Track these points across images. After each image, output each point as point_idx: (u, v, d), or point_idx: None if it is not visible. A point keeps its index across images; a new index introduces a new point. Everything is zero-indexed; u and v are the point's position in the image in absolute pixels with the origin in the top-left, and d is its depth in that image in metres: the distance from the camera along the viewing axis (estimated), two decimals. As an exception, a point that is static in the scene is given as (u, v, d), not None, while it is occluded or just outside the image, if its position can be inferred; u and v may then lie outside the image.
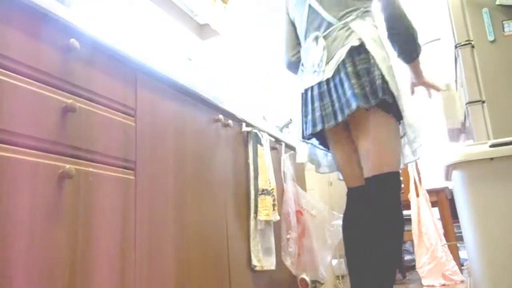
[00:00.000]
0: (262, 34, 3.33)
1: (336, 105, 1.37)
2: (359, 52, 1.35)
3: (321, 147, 1.65)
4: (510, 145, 1.17)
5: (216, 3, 2.64)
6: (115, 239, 1.04)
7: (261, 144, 1.85)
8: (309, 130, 1.46)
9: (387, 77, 1.31)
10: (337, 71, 1.38)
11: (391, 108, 1.36)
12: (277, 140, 2.15)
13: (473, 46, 1.45)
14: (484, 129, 1.37)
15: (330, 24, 1.43)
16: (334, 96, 1.39)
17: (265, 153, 1.85)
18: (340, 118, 1.35)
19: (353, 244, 1.45)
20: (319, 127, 1.41)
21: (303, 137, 1.56)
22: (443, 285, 2.53)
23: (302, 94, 1.53)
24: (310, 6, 1.49)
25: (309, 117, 1.46)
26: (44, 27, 0.95)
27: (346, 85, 1.34)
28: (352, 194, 1.52)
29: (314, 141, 1.64)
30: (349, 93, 1.33)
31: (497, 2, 1.44)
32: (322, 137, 1.60)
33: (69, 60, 1.00)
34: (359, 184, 1.46)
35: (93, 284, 0.95)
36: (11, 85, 0.85)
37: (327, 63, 1.41)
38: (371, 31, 1.39)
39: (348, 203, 1.53)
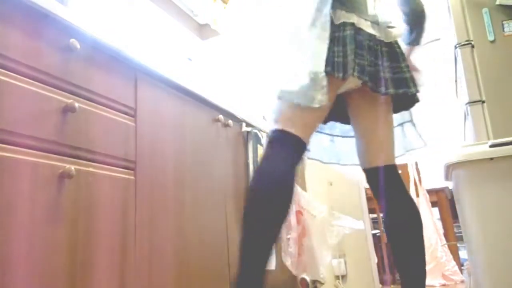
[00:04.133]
0: (262, 34, 3.33)
1: (387, 74, 1.19)
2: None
3: (325, 131, 1.42)
4: (510, 145, 1.17)
5: (216, 3, 2.64)
6: (115, 239, 1.04)
7: (261, 144, 1.85)
8: (349, 72, 1.12)
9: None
10: (390, 44, 1.24)
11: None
12: (277, 140, 2.14)
13: (473, 46, 1.45)
14: (484, 129, 1.37)
15: None
16: (385, 63, 1.20)
17: (265, 153, 1.85)
18: (391, 90, 1.16)
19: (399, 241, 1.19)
20: (365, 77, 1.13)
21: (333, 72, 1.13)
22: (443, 285, 2.53)
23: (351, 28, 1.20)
24: None
25: (357, 61, 1.15)
26: (44, 27, 0.95)
27: (398, 61, 1.22)
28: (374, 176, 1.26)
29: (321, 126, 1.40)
30: (402, 72, 1.20)
31: (497, 2, 1.44)
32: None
33: (69, 60, 1.00)
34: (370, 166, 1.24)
35: (93, 284, 0.95)
36: (11, 85, 0.85)
37: (379, 24, 1.23)
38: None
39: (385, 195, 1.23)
